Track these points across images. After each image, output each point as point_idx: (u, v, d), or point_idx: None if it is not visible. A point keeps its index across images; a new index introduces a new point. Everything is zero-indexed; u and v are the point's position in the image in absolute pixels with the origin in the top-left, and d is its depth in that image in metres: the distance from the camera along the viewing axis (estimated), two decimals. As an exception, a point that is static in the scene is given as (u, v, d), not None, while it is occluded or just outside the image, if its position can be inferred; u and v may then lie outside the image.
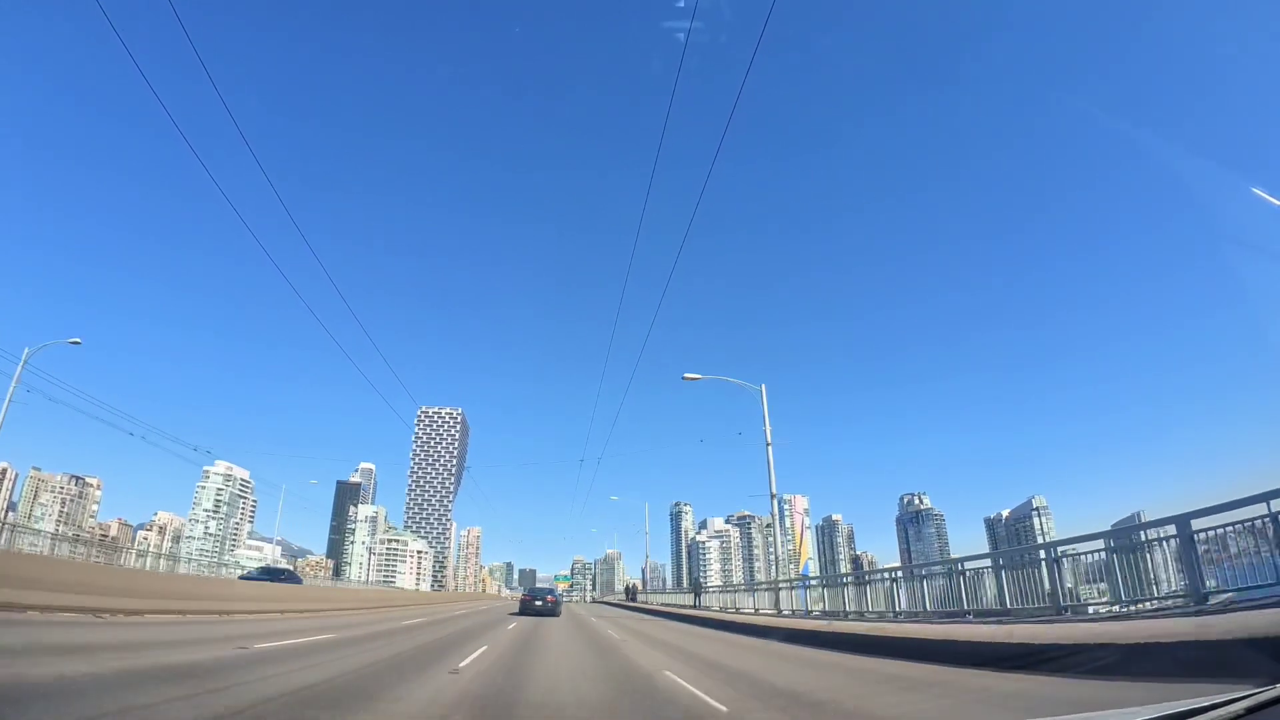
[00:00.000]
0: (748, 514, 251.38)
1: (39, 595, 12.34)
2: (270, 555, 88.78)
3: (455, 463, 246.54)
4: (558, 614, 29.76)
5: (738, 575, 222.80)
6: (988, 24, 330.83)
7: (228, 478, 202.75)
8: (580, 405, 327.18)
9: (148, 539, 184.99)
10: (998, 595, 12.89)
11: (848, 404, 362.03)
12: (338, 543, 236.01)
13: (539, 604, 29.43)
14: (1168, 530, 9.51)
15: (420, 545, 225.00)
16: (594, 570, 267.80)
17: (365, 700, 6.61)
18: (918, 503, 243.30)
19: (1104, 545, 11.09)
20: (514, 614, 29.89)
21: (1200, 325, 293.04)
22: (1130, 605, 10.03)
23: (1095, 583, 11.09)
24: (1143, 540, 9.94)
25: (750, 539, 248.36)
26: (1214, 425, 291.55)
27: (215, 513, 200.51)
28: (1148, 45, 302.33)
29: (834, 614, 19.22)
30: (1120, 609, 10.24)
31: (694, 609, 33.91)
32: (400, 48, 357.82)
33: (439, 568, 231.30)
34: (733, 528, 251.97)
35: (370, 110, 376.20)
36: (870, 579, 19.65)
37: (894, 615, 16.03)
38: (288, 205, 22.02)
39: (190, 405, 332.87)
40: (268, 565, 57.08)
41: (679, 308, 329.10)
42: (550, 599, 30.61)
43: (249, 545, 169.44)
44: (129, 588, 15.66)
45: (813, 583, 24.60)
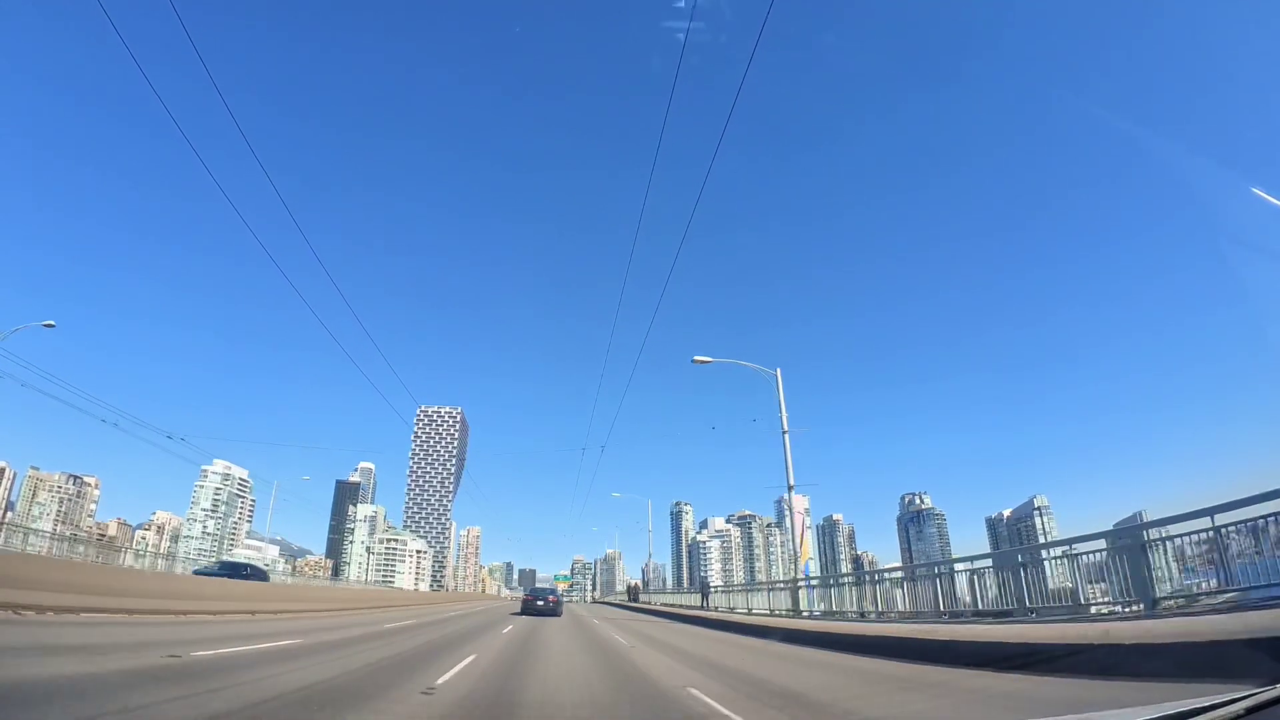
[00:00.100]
0: (749, 513, 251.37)
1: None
2: (268, 555, 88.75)
3: (455, 462, 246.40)
4: (559, 614, 30.13)
5: (739, 575, 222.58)
6: (990, 22, 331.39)
7: (226, 477, 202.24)
8: (580, 404, 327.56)
9: (146, 538, 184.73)
10: (999, 595, 12.95)
11: (848, 403, 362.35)
12: (337, 542, 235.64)
13: (541, 604, 29.86)
14: (1167, 531, 9.56)
15: (419, 545, 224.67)
16: (594, 570, 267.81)
17: None
18: (919, 502, 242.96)
19: (1106, 544, 11.13)
20: (515, 614, 30.16)
21: (1200, 325, 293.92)
22: (1130, 605, 10.07)
23: (1096, 583, 11.12)
24: (1144, 540, 9.97)
25: (751, 539, 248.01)
26: (1214, 425, 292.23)
27: (213, 512, 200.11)
28: (1149, 44, 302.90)
29: (852, 614, 18.38)
30: (1121, 609, 10.27)
31: (701, 610, 32.80)
32: (400, 48, 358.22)
33: (438, 567, 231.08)
34: (734, 527, 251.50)
35: (370, 110, 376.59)
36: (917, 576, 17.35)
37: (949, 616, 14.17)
38: (288, 205, 22.05)
39: (190, 405, 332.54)
40: (229, 560, 52.63)
41: (678, 307, 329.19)
42: (552, 599, 31.10)
43: (247, 545, 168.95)
44: (67, 582, 13.42)
45: (846, 580, 22.42)
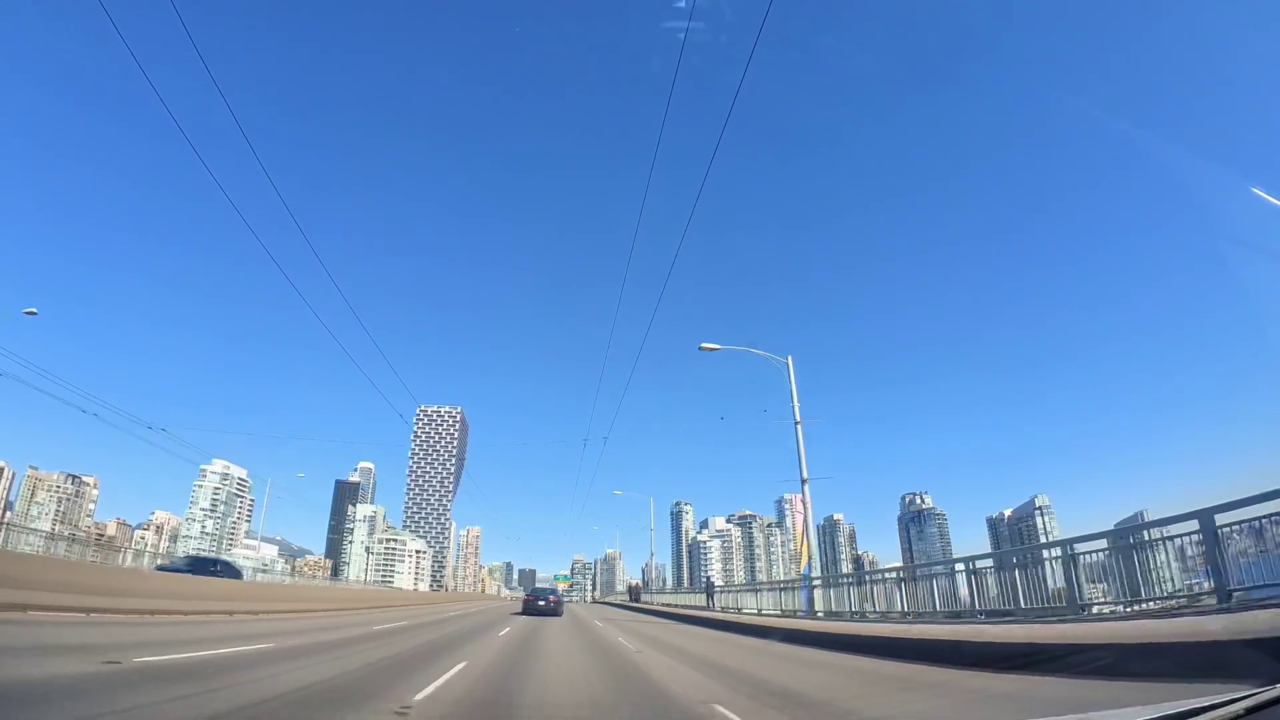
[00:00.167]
0: (749, 513, 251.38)
1: None
2: (267, 554, 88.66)
3: (454, 462, 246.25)
4: (560, 614, 30.53)
5: (739, 575, 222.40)
6: (989, 25, 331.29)
7: (225, 476, 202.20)
8: (580, 404, 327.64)
9: (145, 538, 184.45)
10: (999, 595, 12.95)
11: (849, 403, 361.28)
12: (336, 542, 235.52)
13: (542, 604, 30.32)
14: (1167, 531, 9.57)
15: (419, 545, 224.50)
16: (594, 570, 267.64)
17: None
18: (919, 502, 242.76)
19: (1107, 544, 11.13)
20: (515, 614, 30.41)
21: (1200, 325, 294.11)
22: (1131, 605, 10.07)
23: (1097, 582, 11.13)
24: (1145, 540, 9.98)
25: (752, 539, 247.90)
26: (1214, 425, 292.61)
27: (212, 512, 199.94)
28: (1148, 46, 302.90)
29: (873, 615, 17.88)
30: (1122, 609, 10.28)
31: (707, 610, 32.20)
32: (400, 47, 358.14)
33: (438, 567, 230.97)
34: (734, 527, 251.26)
35: (370, 110, 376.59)
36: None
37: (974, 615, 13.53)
38: (289, 205, 22.03)
39: (190, 405, 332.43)
40: (197, 555, 48.81)
41: (678, 308, 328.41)
42: (553, 599, 31.58)
43: (246, 545, 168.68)
44: (14, 577, 12.42)
45: (878, 578, 20.25)
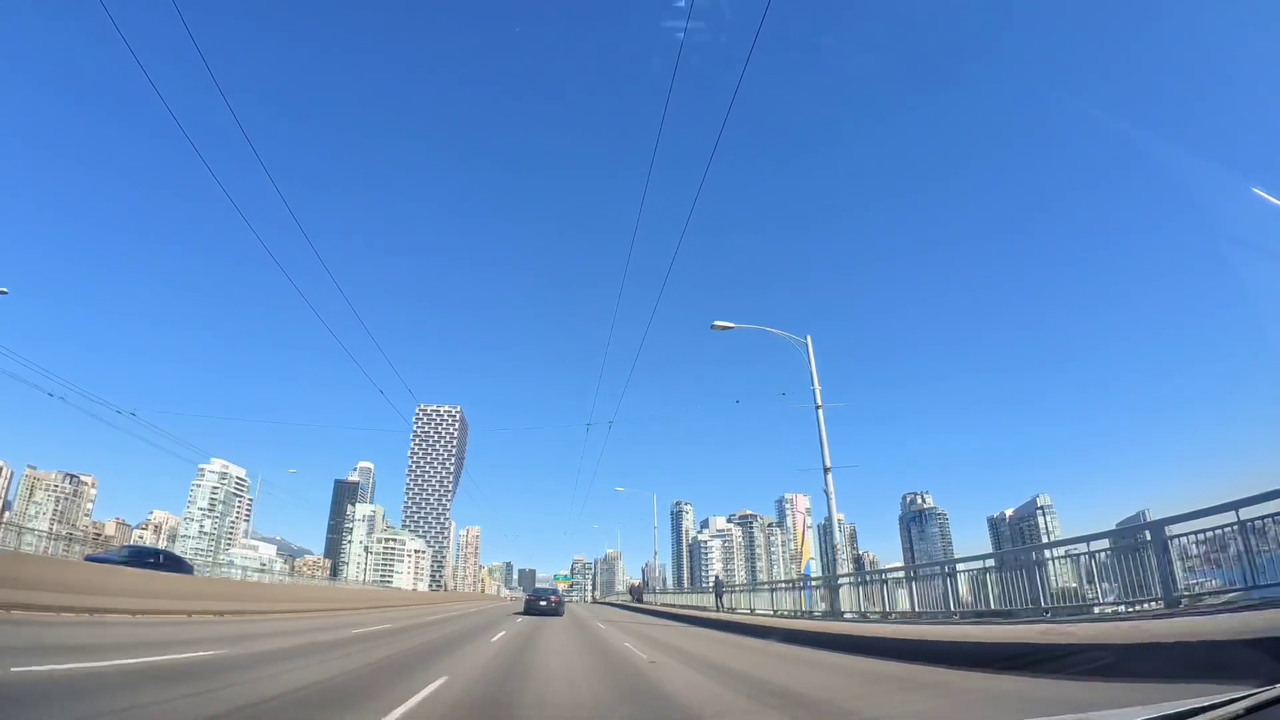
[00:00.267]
0: (750, 513, 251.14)
1: None
2: (266, 554, 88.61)
3: (454, 461, 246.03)
4: (561, 614, 30.75)
5: (740, 575, 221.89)
6: (988, 25, 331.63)
7: (223, 476, 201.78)
8: (580, 404, 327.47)
9: (143, 538, 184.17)
10: (1000, 595, 12.96)
11: (849, 403, 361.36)
12: (335, 542, 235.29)
13: (543, 604, 30.59)
14: (1169, 531, 9.57)
15: (418, 544, 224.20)
16: (594, 570, 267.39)
17: None
18: (921, 502, 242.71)
19: (1108, 544, 11.13)
20: (516, 614, 30.47)
21: (1200, 325, 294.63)
22: (1132, 605, 10.07)
23: (1098, 583, 11.14)
24: (1145, 540, 9.97)
25: (753, 538, 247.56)
26: (1215, 425, 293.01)
27: (211, 511, 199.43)
28: (1148, 46, 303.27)
29: (899, 615, 16.75)
30: (1122, 609, 10.28)
31: (716, 612, 30.03)
32: (400, 48, 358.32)
33: (437, 567, 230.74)
34: (735, 527, 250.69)
35: (370, 110, 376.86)
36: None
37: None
38: (289, 205, 22.01)
39: (189, 404, 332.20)
40: (138, 545, 44.82)
41: (677, 308, 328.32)
42: (554, 599, 31.88)
43: (245, 544, 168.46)
44: None
45: (939, 573, 16.70)
